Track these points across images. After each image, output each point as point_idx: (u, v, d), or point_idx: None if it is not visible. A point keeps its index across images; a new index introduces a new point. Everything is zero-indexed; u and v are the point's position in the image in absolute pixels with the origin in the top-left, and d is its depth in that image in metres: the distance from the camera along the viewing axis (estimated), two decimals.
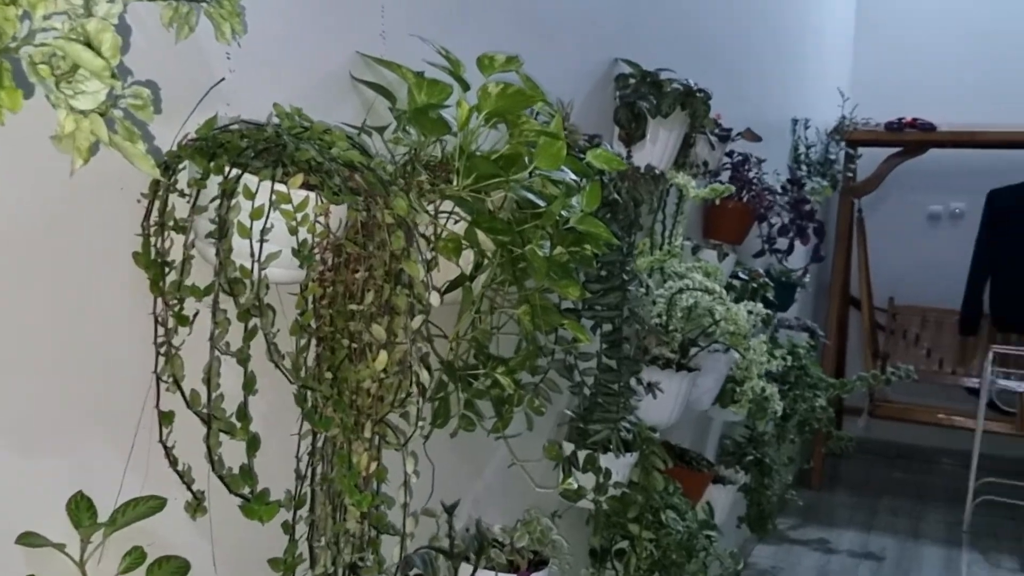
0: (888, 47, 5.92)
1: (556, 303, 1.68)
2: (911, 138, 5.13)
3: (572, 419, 2.01)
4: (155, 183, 0.94)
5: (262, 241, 0.91)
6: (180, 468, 1.00)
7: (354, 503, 1.00)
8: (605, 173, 1.74)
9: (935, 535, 4.68)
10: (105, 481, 0.97)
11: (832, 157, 4.70)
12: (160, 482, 1.01)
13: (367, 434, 1.00)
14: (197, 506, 1.02)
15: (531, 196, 1.27)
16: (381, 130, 1.26)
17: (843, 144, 4.97)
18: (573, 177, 1.32)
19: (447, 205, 1.27)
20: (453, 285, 1.32)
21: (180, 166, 0.95)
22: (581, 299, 1.44)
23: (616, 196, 1.69)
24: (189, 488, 1.01)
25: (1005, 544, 4.56)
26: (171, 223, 0.94)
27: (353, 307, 0.99)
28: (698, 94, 2.15)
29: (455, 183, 1.25)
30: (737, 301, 2.86)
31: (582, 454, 1.86)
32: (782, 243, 3.06)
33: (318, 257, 0.97)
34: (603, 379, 1.75)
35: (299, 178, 0.93)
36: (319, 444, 1.09)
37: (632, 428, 1.83)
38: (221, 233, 0.90)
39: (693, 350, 2.50)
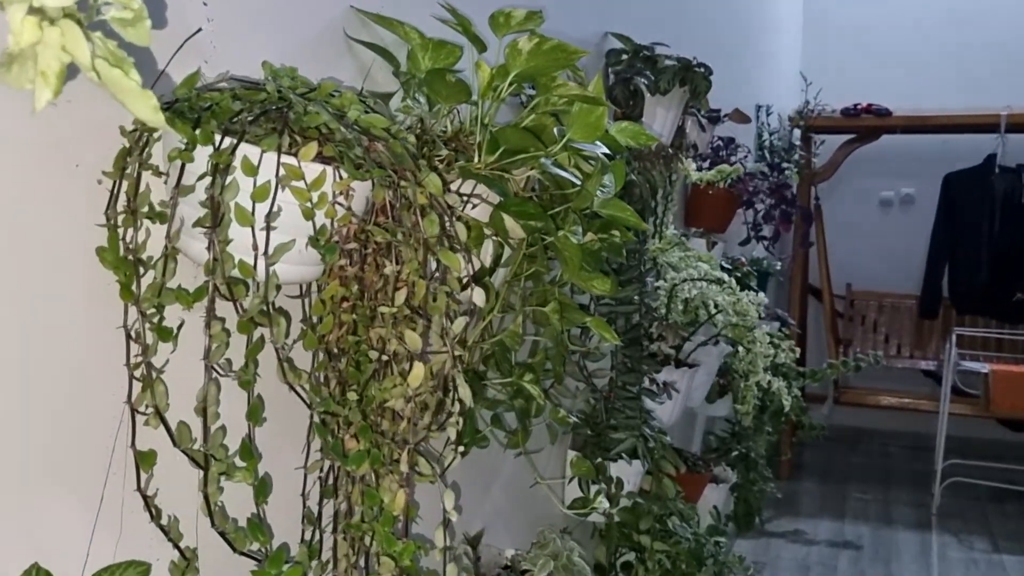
0: (836, 31, 5.88)
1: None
2: (867, 124, 5.08)
3: (578, 425, 1.83)
4: (122, 158, 0.73)
5: (268, 229, 0.71)
6: (164, 522, 0.79)
7: (393, 555, 0.79)
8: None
9: (906, 520, 4.64)
10: (68, 545, 0.75)
11: (797, 143, 4.61)
12: (138, 541, 0.80)
13: (403, 467, 0.80)
14: (187, 567, 0.80)
15: (565, 174, 1.08)
16: (386, 97, 1.06)
17: (800, 131, 4.89)
18: (606, 151, 1.14)
19: (465, 187, 1.08)
20: (472, 280, 1.12)
21: (154, 136, 0.74)
22: (612, 294, 1.26)
23: (633, 178, 1.51)
24: (176, 546, 0.80)
25: (974, 525, 4.54)
26: (145, 209, 0.73)
27: (384, 309, 0.79)
28: (697, 69, 1.99)
29: (476, 159, 1.05)
30: None
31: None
32: (766, 230, 2.93)
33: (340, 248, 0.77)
34: (622, 380, 1.58)
35: (312, 147, 0.72)
36: (331, 479, 0.89)
37: (653, 434, 1.65)
38: (215, 219, 0.69)
39: (689, 344, 2.35)
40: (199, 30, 0.84)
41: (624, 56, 2.03)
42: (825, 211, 5.51)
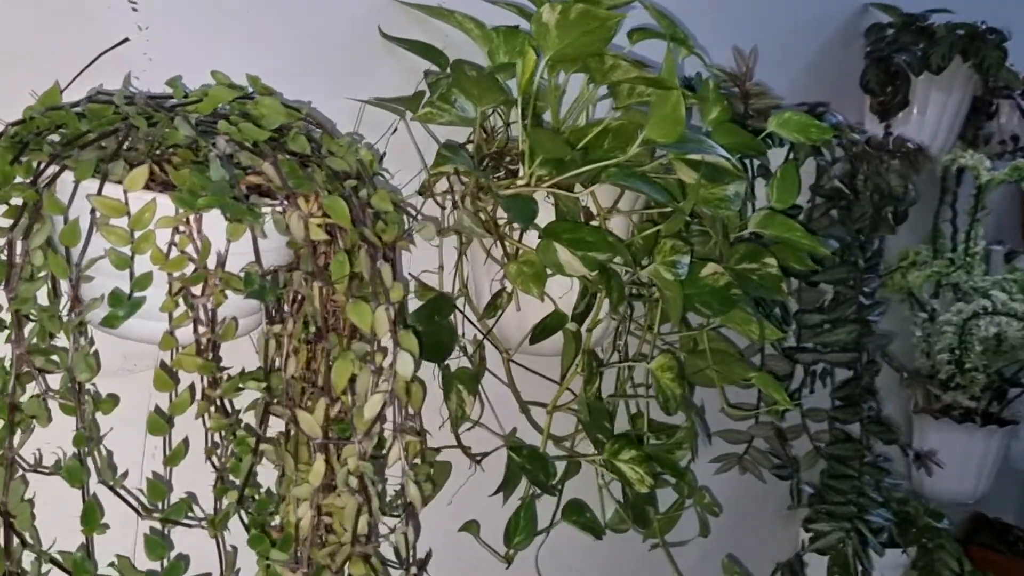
0: None
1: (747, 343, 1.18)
2: None
3: (813, 496, 1.45)
4: None
5: (79, 280, 0.55)
6: None
7: None
8: (823, 154, 1.20)
9: None
10: None
11: None
12: None
13: None
14: None
15: (645, 188, 0.80)
16: (414, 101, 0.86)
17: None
18: (722, 154, 0.83)
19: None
20: (545, 330, 0.88)
21: None
22: (763, 340, 0.93)
23: (840, 185, 1.15)
24: None
25: None
26: None
27: (252, 384, 0.59)
28: (989, 36, 1.51)
29: (521, 172, 0.81)
30: None
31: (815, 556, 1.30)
32: None
33: (201, 303, 0.58)
34: (833, 452, 1.20)
35: (142, 172, 0.55)
36: None
37: (887, 521, 1.24)
38: (9, 273, 0.55)
39: (1014, 392, 1.81)
40: (124, 40, 0.71)
41: (889, 31, 1.60)
42: None
